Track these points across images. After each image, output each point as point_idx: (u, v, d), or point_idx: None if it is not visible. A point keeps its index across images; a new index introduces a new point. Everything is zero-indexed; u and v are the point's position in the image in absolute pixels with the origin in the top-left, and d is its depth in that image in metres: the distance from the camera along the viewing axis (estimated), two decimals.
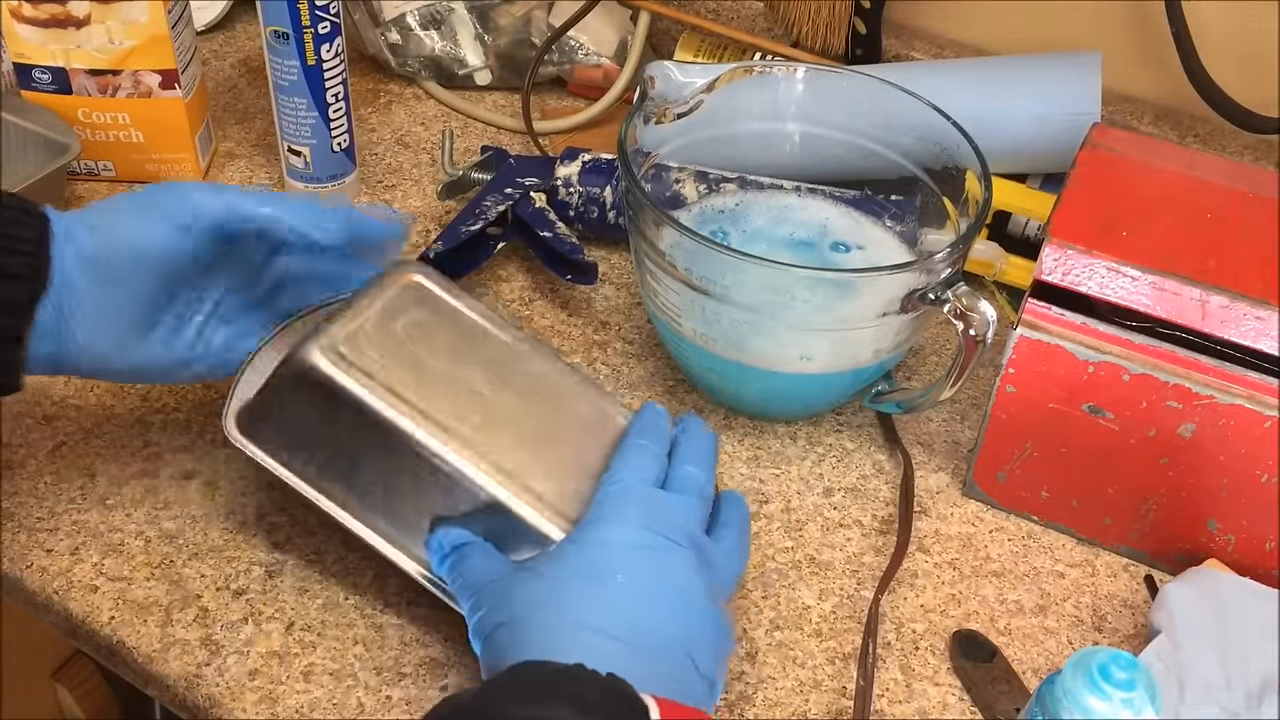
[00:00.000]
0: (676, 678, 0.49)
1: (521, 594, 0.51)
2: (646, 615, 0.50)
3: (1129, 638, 0.61)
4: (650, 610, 0.50)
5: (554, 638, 0.49)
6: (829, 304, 0.62)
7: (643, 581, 0.51)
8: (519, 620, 0.50)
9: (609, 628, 0.49)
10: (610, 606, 0.50)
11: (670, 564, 0.52)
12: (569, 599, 0.50)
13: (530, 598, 0.50)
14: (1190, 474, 0.60)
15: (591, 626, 0.49)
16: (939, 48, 0.90)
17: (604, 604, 0.50)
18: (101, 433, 0.67)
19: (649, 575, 0.51)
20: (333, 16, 0.77)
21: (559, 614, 0.50)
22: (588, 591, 0.50)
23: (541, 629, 0.49)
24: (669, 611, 0.50)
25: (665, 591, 0.51)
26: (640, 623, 0.50)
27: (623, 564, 0.51)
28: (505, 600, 0.51)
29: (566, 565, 0.51)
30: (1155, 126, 0.85)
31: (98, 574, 0.60)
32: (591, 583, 0.50)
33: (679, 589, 0.51)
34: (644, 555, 0.51)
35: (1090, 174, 0.63)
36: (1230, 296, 0.56)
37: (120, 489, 0.64)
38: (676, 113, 0.72)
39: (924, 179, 0.71)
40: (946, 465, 0.69)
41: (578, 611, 0.50)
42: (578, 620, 0.49)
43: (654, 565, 0.51)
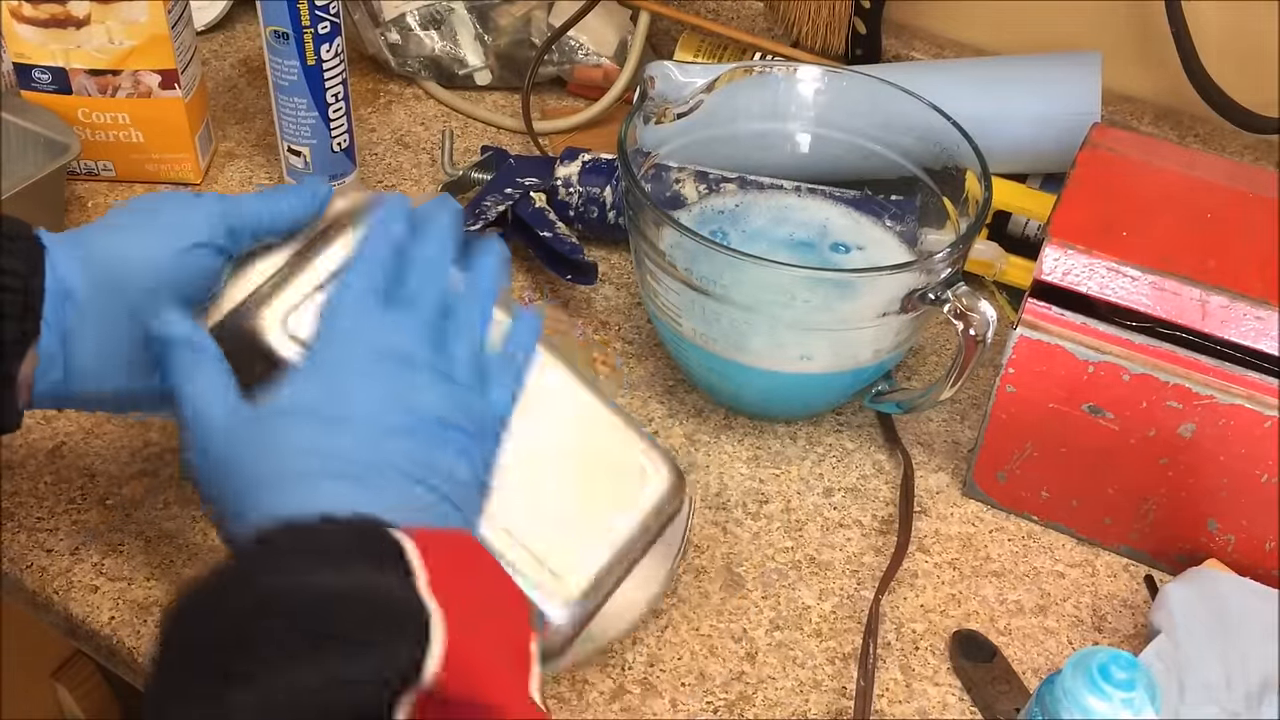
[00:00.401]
0: (426, 508, 0.46)
1: (240, 441, 0.46)
2: (377, 450, 0.46)
3: (1129, 638, 0.61)
4: (381, 444, 0.46)
5: (283, 489, 0.45)
6: (829, 304, 0.62)
7: (369, 414, 0.46)
8: (241, 474, 0.45)
9: (339, 468, 0.45)
10: (336, 446, 0.46)
11: (410, 385, 0.47)
12: (289, 444, 0.46)
13: (250, 446, 0.46)
14: (1190, 474, 0.60)
15: (322, 471, 0.45)
16: (939, 48, 0.90)
17: (329, 444, 0.46)
18: (101, 433, 0.67)
19: (375, 405, 0.47)
20: (333, 16, 0.77)
21: (282, 461, 0.45)
22: (308, 431, 0.46)
23: (268, 483, 0.45)
24: (401, 442, 0.46)
25: (394, 422, 0.46)
26: (373, 459, 0.46)
27: (343, 395, 0.47)
28: (225, 449, 0.46)
29: (282, 404, 0.47)
30: (1155, 126, 0.85)
31: (98, 574, 0.60)
32: (311, 421, 0.46)
33: (411, 413, 0.47)
34: (374, 381, 0.47)
35: (1090, 174, 0.63)
36: (1230, 296, 0.56)
37: (120, 489, 0.64)
38: (676, 113, 0.72)
39: (924, 179, 0.71)
40: (946, 465, 0.69)
41: (303, 458, 0.45)
42: (305, 467, 0.45)
43: (389, 390, 0.47)
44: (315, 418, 0.46)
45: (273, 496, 0.44)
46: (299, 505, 0.44)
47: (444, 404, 0.48)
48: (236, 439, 0.46)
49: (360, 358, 0.48)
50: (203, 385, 0.47)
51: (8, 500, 0.63)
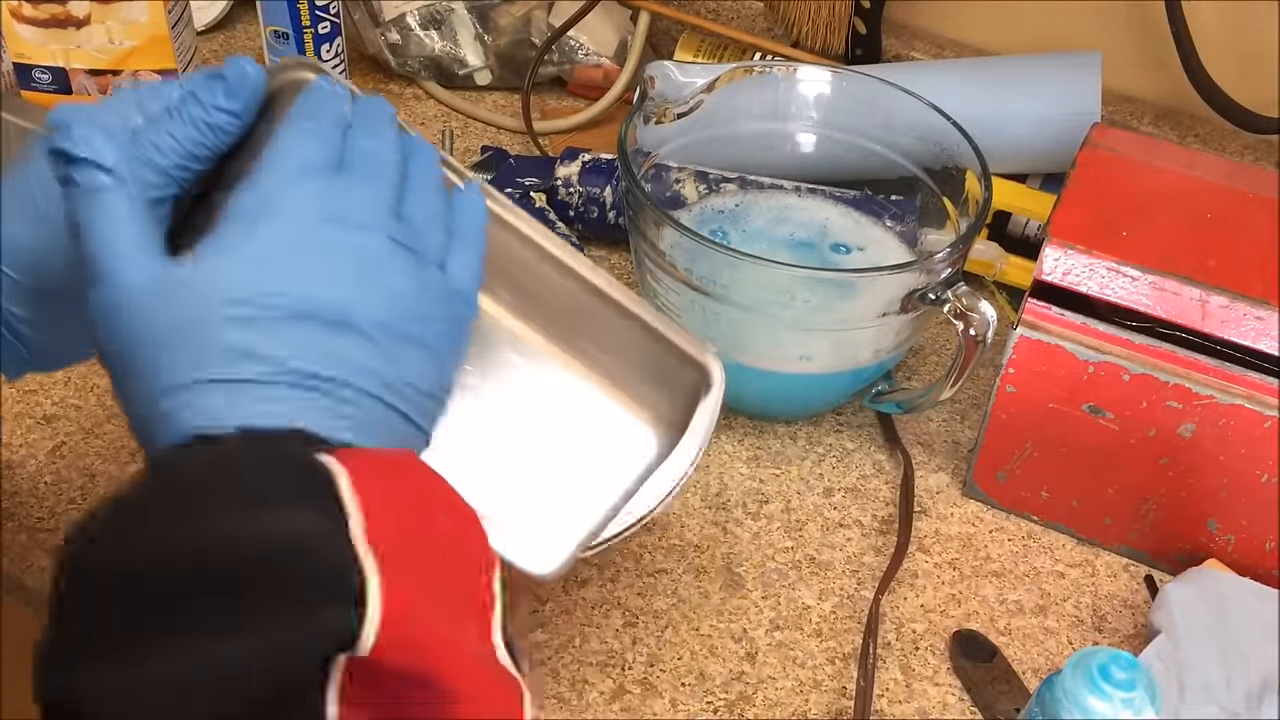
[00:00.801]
0: (377, 421, 0.39)
1: (158, 313, 0.38)
2: (322, 342, 0.38)
3: (1129, 638, 0.61)
4: (328, 335, 0.38)
5: (203, 389, 0.37)
6: (829, 304, 0.63)
7: (315, 297, 0.38)
8: (156, 359, 0.37)
9: (273, 366, 0.37)
10: (271, 337, 0.38)
11: (361, 257, 0.40)
12: (213, 332, 0.37)
13: (169, 324, 0.38)
14: (1190, 474, 0.60)
15: (252, 369, 0.37)
16: (939, 48, 0.90)
17: (262, 335, 0.37)
18: (101, 433, 0.67)
19: (323, 286, 0.39)
20: (333, 16, 0.77)
21: (203, 351, 0.37)
22: (238, 315, 0.37)
23: (186, 376, 0.37)
24: (352, 334, 0.39)
25: (345, 306, 0.39)
26: (315, 353, 0.38)
27: (281, 271, 0.38)
28: (140, 322, 0.38)
29: (214, 273, 0.38)
30: (1155, 126, 0.85)
31: None
32: (243, 304, 0.38)
33: (380, 287, 0.39)
34: (319, 253, 0.39)
35: (1090, 174, 0.63)
36: (1230, 296, 0.56)
37: None
38: (676, 113, 0.72)
39: (924, 179, 0.71)
40: (946, 465, 0.69)
41: (229, 351, 0.37)
42: (231, 362, 0.37)
43: (337, 263, 0.39)
44: (248, 299, 0.38)
45: (191, 396, 0.37)
46: (220, 408, 0.37)
47: (407, 283, 0.40)
48: (153, 310, 0.38)
49: (304, 224, 0.39)
50: (116, 229, 0.38)
51: (8, 500, 0.63)
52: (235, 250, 0.39)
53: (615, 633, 0.59)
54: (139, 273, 0.38)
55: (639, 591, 0.61)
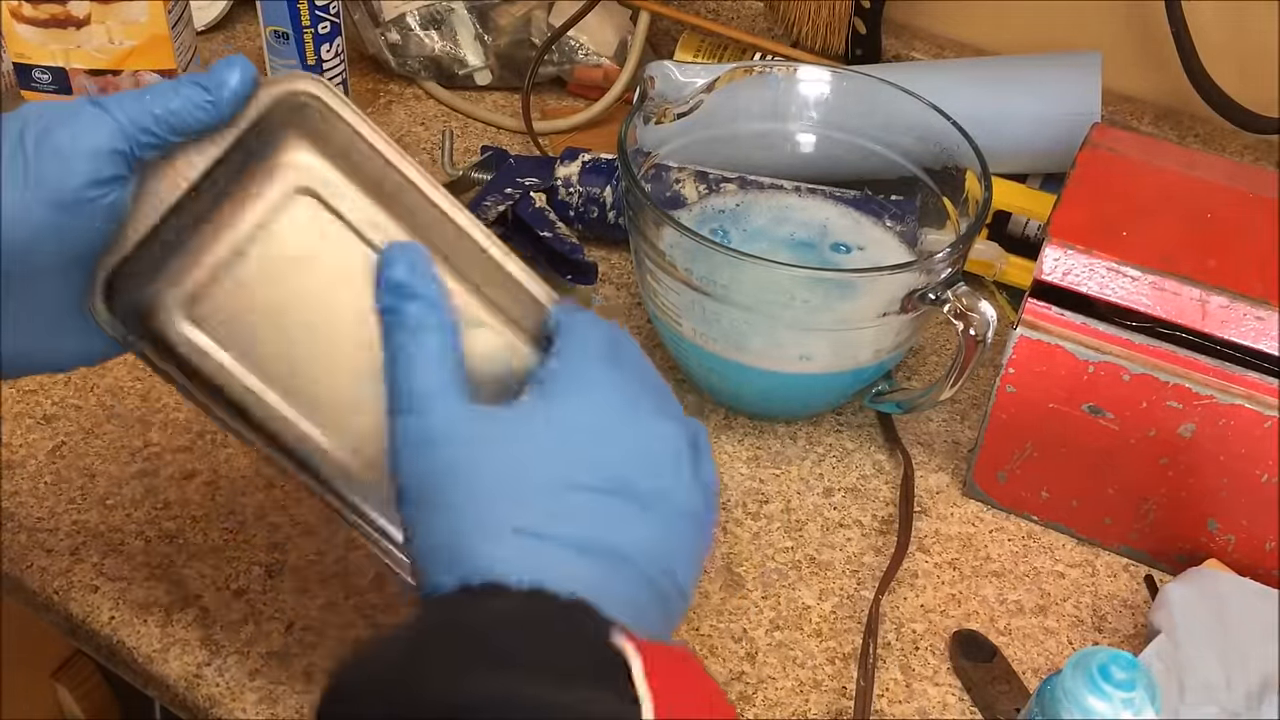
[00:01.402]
0: (645, 611, 0.39)
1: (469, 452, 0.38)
2: (619, 522, 0.38)
3: (1129, 638, 0.61)
4: (629, 515, 0.38)
5: (499, 536, 0.37)
6: (829, 304, 0.63)
7: (638, 468, 0.39)
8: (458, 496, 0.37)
9: (595, 524, 0.37)
10: (597, 501, 0.38)
11: (666, 448, 0.41)
12: (546, 474, 0.38)
13: (498, 462, 0.38)
14: (1190, 474, 0.60)
15: (572, 517, 0.37)
16: (939, 48, 0.90)
17: (589, 497, 0.38)
18: (101, 433, 0.67)
19: (643, 460, 0.39)
20: (333, 16, 0.77)
21: (532, 490, 0.37)
22: (569, 468, 0.38)
23: (505, 508, 0.37)
24: (643, 521, 0.39)
25: (664, 484, 0.39)
26: (612, 533, 0.38)
27: (615, 443, 0.39)
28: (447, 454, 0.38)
29: (547, 427, 0.39)
30: (1155, 126, 0.85)
31: (98, 574, 0.60)
32: (576, 458, 0.38)
33: (678, 481, 0.40)
34: (636, 436, 0.40)
35: (1090, 174, 0.63)
36: (1230, 296, 0.56)
37: (120, 489, 0.64)
38: (676, 113, 0.72)
39: (924, 179, 0.71)
40: (946, 465, 0.69)
41: (558, 492, 0.38)
42: (556, 505, 0.38)
43: (650, 449, 0.40)
44: (575, 462, 0.38)
45: (498, 544, 0.36)
46: (521, 562, 0.36)
47: (690, 478, 0.41)
48: (478, 451, 0.38)
49: (622, 405, 0.40)
50: (437, 366, 0.39)
51: (8, 500, 0.63)
52: (565, 408, 0.40)
53: None
54: (459, 413, 0.39)
55: None
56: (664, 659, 0.35)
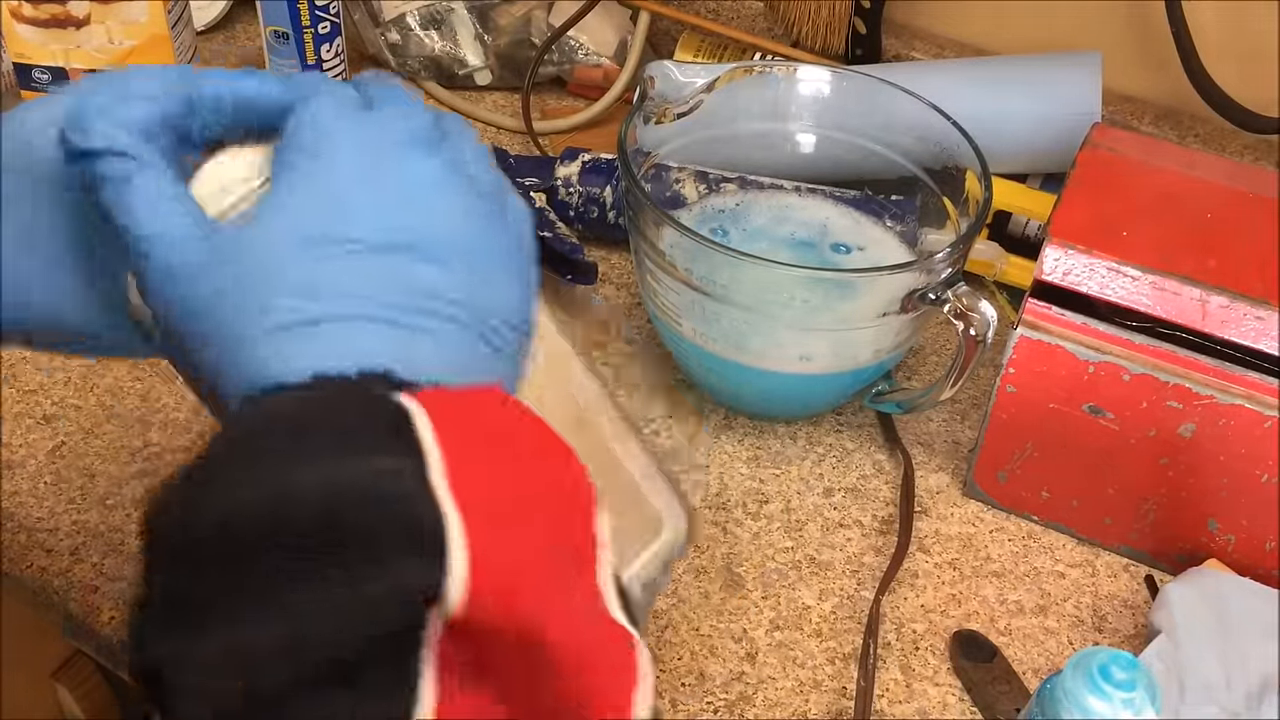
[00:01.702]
0: (470, 354, 0.36)
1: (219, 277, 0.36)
2: (396, 276, 0.36)
3: (1129, 638, 0.61)
4: (403, 267, 0.36)
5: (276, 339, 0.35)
6: (829, 304, 0.63)
7: (384, 226, 0.36)
8: (224, 320, 0.35)
9: (345, 306, 0.35)
10: (340, 276, 0.35)
11: (422, 181, 0.37)
12: (281, 278, 0.35)
13: (233, 284, 0.35)
14: (1190, 474, 0.60)
15: (321, 311, 0.35)
16: (939, 48, 0.90)
17: (330, 274, 0.35)
18: (101, 433, 0.67)
19: (395, 204, 0.37)
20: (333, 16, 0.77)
21: (271, 301, 0.35)
22: (304, 260, 0.35)
23: (255, 330, 0.35)
24: (429, 264, 0.36)
25: (419, 235, 0.36)
26: (391, 288, 0.35)
27: (344, 206, 0.36)
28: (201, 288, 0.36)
29: (268, 228, 0.36)
30: (1155, 126, 0.85)
31: (98, 574, 0.60)
32: (308, 246, 0.35)
33: (447, 212, 0.37)
34: (379, 181, 0.37)
35: (1090, 174, 0.63)
36: (1230, 296, 0.56)
37: (120, 489, 0.64)
38: (676, 113, 0.72)
39: (924, 179, 0.71)
40: (947, 465, 0.69)
41: (296, 295, 0.35)
42: (297, 308, 0.35)
43: (399, 190, 0.37)
44: (313, 240, 0.36)
45: (261, 348, 0.35)
46: (293, 355, 0.35)
47: (469, 204, 0.38)
48: (211, 272, 0.36)
49: (358, 154, 0.37)
50: (157, 208, 0.36)
51: (8, 500, 0.63)
52: (291, 195, 0.36)
53: None
54: (188, 241, 0.36)
55: None
56: (463, 406, 0.33)
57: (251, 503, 0.31)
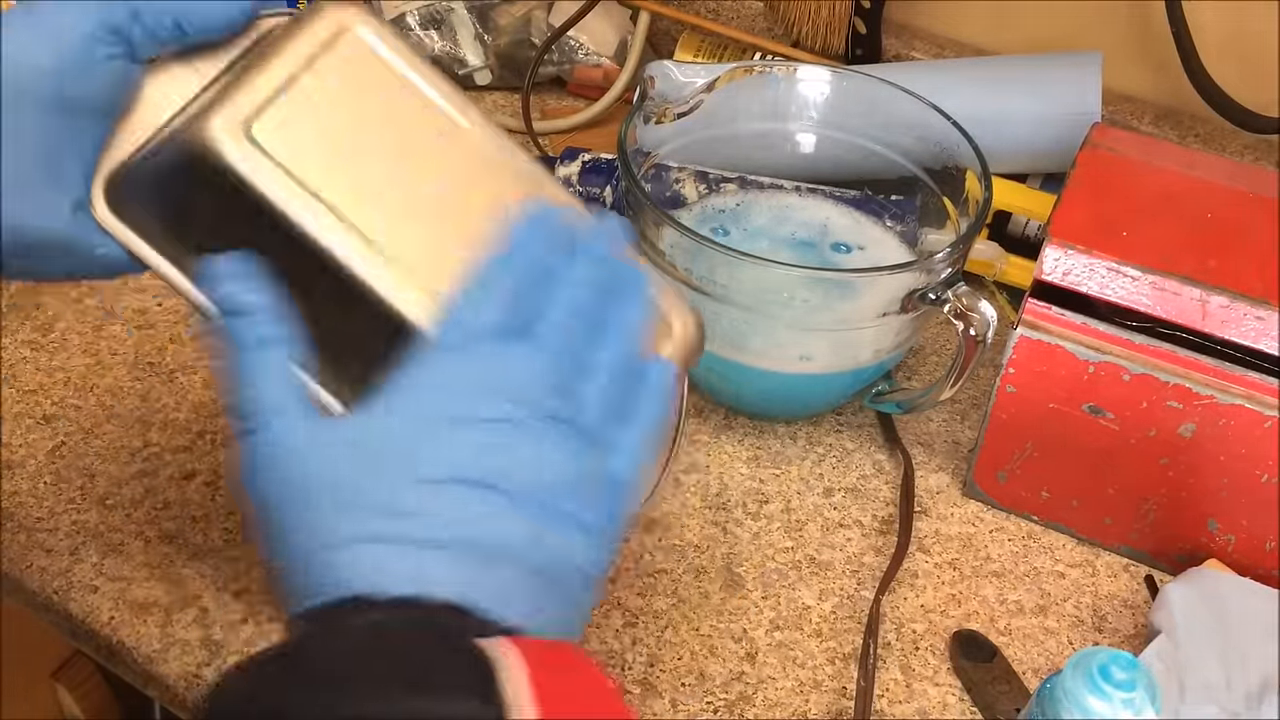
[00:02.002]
0: (548, 588, 0.38)
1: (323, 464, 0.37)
2: (491, 506, 0.37)
3: (1129, 638, 0.61)
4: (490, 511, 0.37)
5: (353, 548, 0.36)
6: (829, 304, 0.63)
7: (482, 456, 0.38)
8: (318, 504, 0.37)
9: (445, 517, 0.36)
10: (443, 494, 0.37)
11: (522, 433, 0.38)
12: (380, 477, 0.37)
13: (335, 472, 0.37)
14: (1190, 474, 0.60)
15: (419, 515, 0.36)
16: (939, 48, 0.90)
17: (434, 491, 0.37)
18: (101, 433, 0.67)
19: (488, 448, 0.38)
20: None
21: (370, 496, 0.36)
22: (407, 467, 0.37)
23: (348, 519, 0.36)
24: (509, 514, 0.37)
25: (515, 468, 0.38)
26: (489, 517, 0.37)
27: (456, 434, 0.38)
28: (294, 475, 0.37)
29: (381, 431, 0.38)
30: (1155, 126, 0.84)
31: (98, 574, 0.60)
32: (415, 456, 0.37)
33: (535, 465, 0.38)
34: (479, 424, 0.38)
35: (1090, 174, 0.63)
36: (1230, 296, 0.56)
37: (120, 489, 0.64)
38: (676, 113, 0.72)
39: (924, 179, 0.71)
40: (947, 465, 0.69)
41: (398, 493, 0.36)
42: (398, 505, 0.36)
43: (496, 437, 0.38)
44: (413, 460, 0.37)
45: (350, 555, 0.36)
46: (379, 571, 0.35)
47: (564, 462, 0.39)
48: (315, 465, 0.37)
49: (467, 394, 0.38)
50: (275, 385, 0.38)
51: (8, 500, 0.63)
52: (402, 410, 0.38)
53: (615, 633, 0.59)
54: (298, 427, 0.38)
55: (639, 591, 0.61)
56: (545, 660, 0.34)
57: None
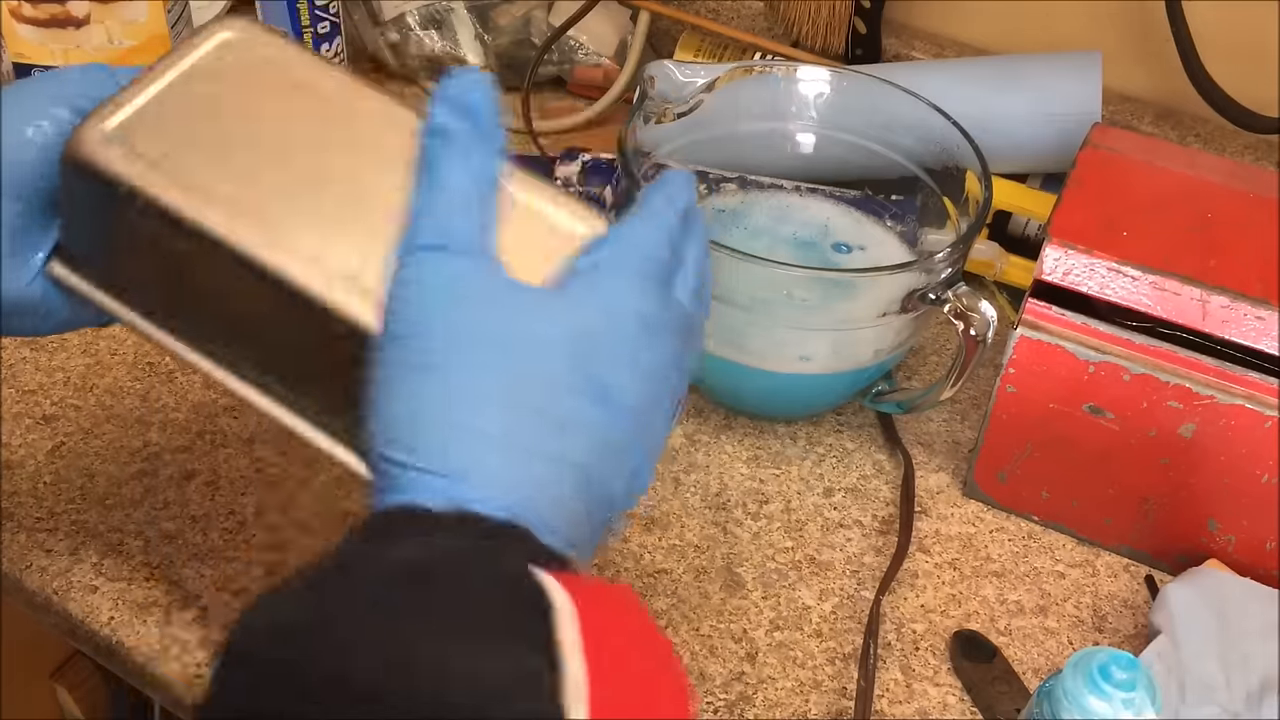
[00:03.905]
0: (595, 505, 0.37)
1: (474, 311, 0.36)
2: (591, 429, 0.36)
3: (1129, 638, 0.61)
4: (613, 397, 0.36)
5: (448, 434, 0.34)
6: (829, 304, 0.63)
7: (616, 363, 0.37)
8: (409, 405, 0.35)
9: (540, 428, 0.35)
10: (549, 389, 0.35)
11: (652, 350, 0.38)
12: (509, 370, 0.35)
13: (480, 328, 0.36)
14: (1190, 474, 0.60)
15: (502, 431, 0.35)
16: (939, 48, 0.90)
17: (546, 386, 0.35)
18: (101, 433, 0.67)
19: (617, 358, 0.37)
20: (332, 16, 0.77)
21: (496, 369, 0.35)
22: (553, 360, 0.36)
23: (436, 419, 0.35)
24: (613, 425, 0.37)
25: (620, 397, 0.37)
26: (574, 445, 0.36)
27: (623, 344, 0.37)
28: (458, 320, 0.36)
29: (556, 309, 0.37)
30: (1155, 126, 0.85)
31: (97, 574, 0.60)
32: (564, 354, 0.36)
33: (639, 373, 0.38)
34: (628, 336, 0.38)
35: (1090, 174, 0.63)
36: (1231, 296, 0.56)
37: (120, 489, 0.64)
38: (676, 113, 0.72)
39: (924, 179, 0.71)
40: (947, 465, 0.69)
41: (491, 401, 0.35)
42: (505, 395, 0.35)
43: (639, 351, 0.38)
44: (559, 358, 0.36)
45: (457, 418, 0.34)
46: (450, 470, 0.34)
47: (669, 369, 0.39)
48: (478, 305, 0.36)
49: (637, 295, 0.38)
50: (469, 196, 0.38)
51: (7, 500, 0.63)
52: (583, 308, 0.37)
53: None
54: (483, 263, 0.37)
55: (639, 592, 0.61)
56: (602, 605, 0.32)
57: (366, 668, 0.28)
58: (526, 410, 0.35)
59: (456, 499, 0.33)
